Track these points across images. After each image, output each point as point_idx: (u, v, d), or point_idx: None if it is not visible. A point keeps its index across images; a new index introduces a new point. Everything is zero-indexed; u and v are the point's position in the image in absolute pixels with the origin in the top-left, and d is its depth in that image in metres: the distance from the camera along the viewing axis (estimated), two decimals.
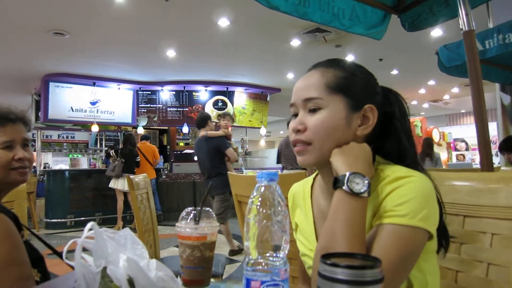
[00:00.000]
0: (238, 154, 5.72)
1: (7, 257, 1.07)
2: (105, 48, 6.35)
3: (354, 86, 0.90)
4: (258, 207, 0.64)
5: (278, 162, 6.49)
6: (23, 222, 1.30)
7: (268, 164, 10.17)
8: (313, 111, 0.89)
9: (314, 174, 1.07)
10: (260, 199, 0.65)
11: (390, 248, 0.75)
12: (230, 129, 5.05)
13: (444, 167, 8.17)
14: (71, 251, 0.71)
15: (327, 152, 0.88)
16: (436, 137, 13.32)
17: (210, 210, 0.93)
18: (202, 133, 4.76)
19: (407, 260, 0.77)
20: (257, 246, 0.62)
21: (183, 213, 0.92)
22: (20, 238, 1.17)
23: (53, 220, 6.95)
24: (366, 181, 0.78)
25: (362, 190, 0.77)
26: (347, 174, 0.79)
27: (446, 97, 11.53)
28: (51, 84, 7.81)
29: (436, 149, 14.53)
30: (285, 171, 6.18)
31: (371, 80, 0.95)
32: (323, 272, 0.47)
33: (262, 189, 0.65)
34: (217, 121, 5.16)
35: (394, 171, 0.85)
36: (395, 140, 0.94)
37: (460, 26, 2.39)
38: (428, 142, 7.02)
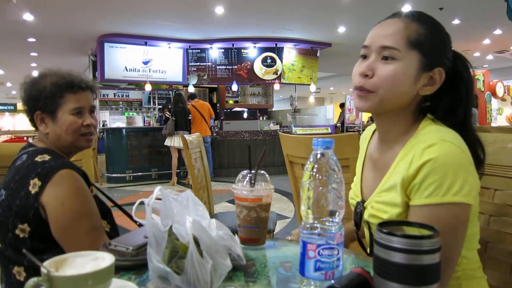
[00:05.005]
0: None
1: (80, 210, 1.19)
2: (155, 7, 6.40)
3: (433, 47, 0.91)
4: (314, 173, 0.66)
5: None
6: (91, 178, 1.42)
7: (318, 121, 10.05)
8: (386, 59, 0.89)
9: None
10: (316, 166, 0.66)
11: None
12: None
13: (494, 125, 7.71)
14: (130, 204, 0.78)
15: (386, 102, 0.90)
16: (500, 91, 12.42)
17: (265, 173, 0.97)
18: None
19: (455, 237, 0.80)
20: (313, 211, 0.65)
21: (239, 176, 0.96)
22: (90, 192, 1.28)
23: (113, 175, 7.42)
24: None
25: None
26: None
27: None
28: (106, 45, 8.06)
29: (499, 104, 13.57)
30: None
31: (448, 44, 0.94)
32: (379, 239, 0.49)
33: (318, 156, 0.67)
34: None
35: (427, 134, 0.87)
36: (453, 101, 0.94)
37: None
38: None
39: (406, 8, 6.45)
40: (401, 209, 0.86)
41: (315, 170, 0.66)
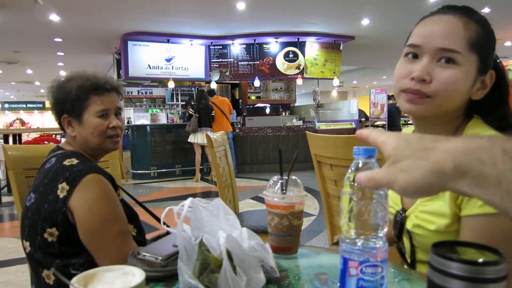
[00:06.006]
0: None
1: (108, 214, 1.18)
2: (177, 4, 6.42)
3: (489, 49, 0.84)
4: (356, 184, 0.61)
5: None
6: (117, 180, 1.41)
7: (341, 116, 9.89)
8: (447, 62, 0.80)
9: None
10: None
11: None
12: None
13: None
14: (155, 200, 0.76)
15: (442, 108, 0.82)
16: None
17: (297, 178, 0.92)
18: None
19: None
20: (356, 225, 0.60)
21: (271, 182, 0.92)
22: (117, 196, 1.27)
23: (138, 171, 7.52)
24: None
25: None
26: None
27: None
28: (130, 43, 8.16)
29: None
30: None
31: (495, 42, 0.87)
32: (435, 264, 0.44)
33: (360, 165, 0.62)
34: None
35: None
36: (502, 105, 0.88)
37: None
38: None
39: None
40: (449, 220, 0.80)
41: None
